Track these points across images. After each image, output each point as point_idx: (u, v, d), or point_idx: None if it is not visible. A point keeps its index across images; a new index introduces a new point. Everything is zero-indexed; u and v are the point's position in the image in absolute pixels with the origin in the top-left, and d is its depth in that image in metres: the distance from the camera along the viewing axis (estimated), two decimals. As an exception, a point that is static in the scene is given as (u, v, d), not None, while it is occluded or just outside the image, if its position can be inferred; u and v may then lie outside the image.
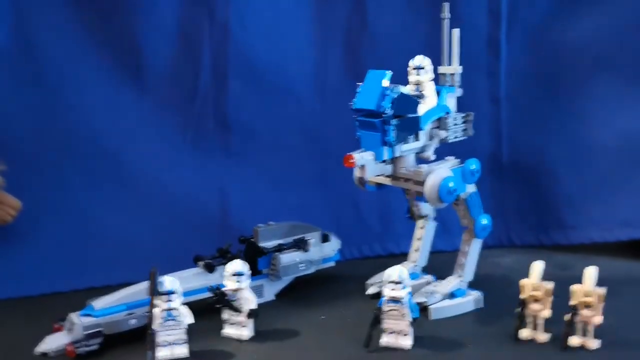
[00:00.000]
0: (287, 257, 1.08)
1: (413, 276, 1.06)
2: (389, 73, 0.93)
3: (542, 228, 1.29)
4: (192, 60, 1.22)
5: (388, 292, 0.90)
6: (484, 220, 1.03)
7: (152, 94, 1.22)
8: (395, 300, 0.90)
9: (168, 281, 0.89)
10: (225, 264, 1.03)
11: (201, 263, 1.04)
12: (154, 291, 0.88)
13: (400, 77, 0.98)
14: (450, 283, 1.04)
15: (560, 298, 0.91)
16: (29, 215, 1.14)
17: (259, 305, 0.97)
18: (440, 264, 1.14)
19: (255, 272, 1.02)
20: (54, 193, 1.18)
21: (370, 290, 1.09)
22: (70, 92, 1.18)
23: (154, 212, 1.22)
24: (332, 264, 1.16)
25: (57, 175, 1.18)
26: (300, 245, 1.09)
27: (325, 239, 1.14)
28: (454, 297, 1.03)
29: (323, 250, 1.13)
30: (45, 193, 1.17)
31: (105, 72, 1.19)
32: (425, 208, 1.11)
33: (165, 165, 1.24)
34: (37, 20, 1.16)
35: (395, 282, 0.89)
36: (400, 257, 1.18)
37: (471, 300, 1.03)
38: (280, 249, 1.08)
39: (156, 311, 0.88)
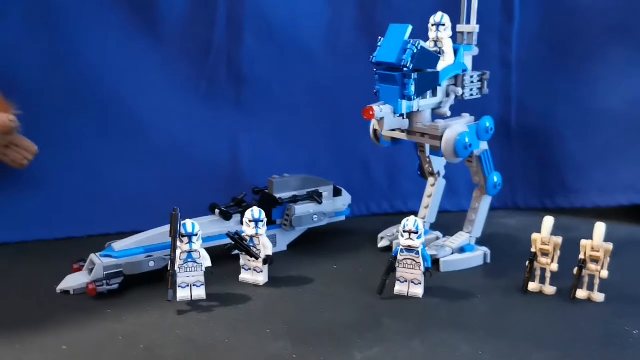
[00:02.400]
0: (302, 208, 1.10)
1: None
2: (410, 27, 0.95)
3: (546, 191, 1.32)
4: (208, 13, 1.22)
5: (404, 241, 0.92)
6: (495, 178, 1.05)
7: (166, 45, 1.22)
8: (410, 249, 0.92)
9: (189, 223, 0.91)
10: (240, 212, 1.05)
11: (217, 211, 1.06)
12: (176, 233, 0.90)
13: (415, 35, 0.99)
14: (460, 238, 1.07)
15: (564, 257, 0.95)
16: (42, 162, 1.15)
17: (273, 254, 0.99)
18: (446, 222, 1.17)
19: (269, 222, 1.04)
20: (67, 141, 1.18)
21: (382, 243, 1.12)
22: (84, 41, 1.18)
23: (165, 162, 1.23)
24: (342, 218, 1.18)
25: (70, 124, 1.18)
26: (314, 197, 1.11)
27: (337, 193, 1.16)
28: (463, 251, 1.06)
29: (335, 204, 1.15)
30: (57, 141, 1.18)
31: (119, 22, 1.19)
32: (437, 165, 1.13)
33: (178, 116, 1.24)
34: None
35: (411, 231, 0.92)
36: (408, 214, 1.19)
37: (480, 254, 1.06)
38: (295, 200, 1.10)
39: (177, 252, 0.90)
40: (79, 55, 1.18)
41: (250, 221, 0.96)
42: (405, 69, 0.93)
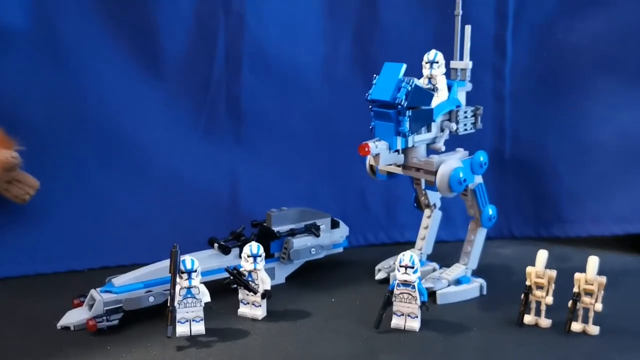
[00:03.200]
0: (299, 242, 1.11)
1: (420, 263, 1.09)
2: (404, 66, 0.97)
3: (541, 221, 1.33)
4: (207, 50, 1.25)
5: (400, 275, 0.94)
6: (490, 211, 1.07)
7: (167, 80, 1.24)
8: (406, 283, 0.94)
9: (189, 260, 0.92)
10: (239, 246, 1.07)
11: (216, 245, 1.07)
12: (176, 269, 0.91)
13: (410, 71, 1.01)
14: (456, 270, 1.08)
15: (559, 287, 0.96)
16: (45, 195, 1.16)
17: (271, 287, 1.00)
18: (442, 252, 1.18)
19: (267, 256, 1.05)
20: (70, 175, 1.20)
21: (379, 275, 1.13)
22: (87, 77, 1.20)
23: (166, 196, 1.25)
24: (340, 250, 1.19)
25: (73, 158, 1.20)
26: (312, 230, 1.13)
27: (334, 225, 1.17)
28: (459, 283, 1.07)
29: (333, 236, 1.16)
30: (60, 175, 1.19)
31: (122, 59, 1.21)
32: (433, 197, 1.15)
33: (179, 151, 1.26)
34: (57, 6, 1.17)
35: (407, 266, 0.93)
36: (405, 245, 1.22)
37: (477, 286, 1.07)
38: (292, 233, 1.11)
39: (176, 288, 0.91)
40: (82, 90, 1.20)
41: (248, 256, 0.98)
42: (399, 106, 0.95)
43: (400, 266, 0.94)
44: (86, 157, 1.21)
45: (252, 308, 0.99)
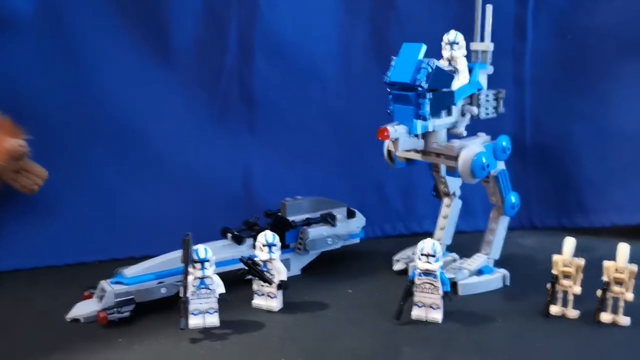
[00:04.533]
0: (315, 231, 1.08)
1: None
2: (424, 46, 0.93)
3: (563, 210, 1.30)
4: (219, 38, 1.22)
5: (421, 264, 0.90)
6: (513, 198, 1.03)
7: (179, 70, 1.22)
8: (428, 273, 0.90)
9: (202, 249, 0.89)
10: (253, 236, 1.03)
11: (229, 235, 1.04)
12: (188, 259, 0.88)
13: (429, 55, 0.97)
14: (478, 260, 1.05)
15: (585, 279, 0.92)
16: (55, 188, 1.14)
17: (287, 278, 0.97)
18: (462, 243, 1.14)
19: (282, 246, 1.02)
20: (80, 167, 1.18)
21: (398, 266, 1.10)
22: (97, 68, 1.18)
23: (177, 185, 1.22)
24: (356, 240, 1.16)
25: (84, 150, 1.18)
26: (328, 219, 1.09)
27: (350, 215, 1.14)
28: (481, 273, 1.03)
29: (349, 226, 1.13)
30: (71, 167, 1.17)
31: (132, 49, 1.19)
32: (452, 185, 1.11)
33: (191, 141, 1.23)
34: None
35: (429, 254, 0.89)
36: (423, 236, 1.16)
37: (499, 277, 1.03)
38: (308, 223, 1.08)
39: (189, 279, 0.88)
40: (93, 81, 1.18)
41: (263, 245, 0.95)
42: (420, 88, 0.92)
43: (422, 254, 0.90)
44: (97, 149, 1.19)
45: (267, 299, 0.96)
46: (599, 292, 0.90)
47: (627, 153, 1.26)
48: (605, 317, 0.90)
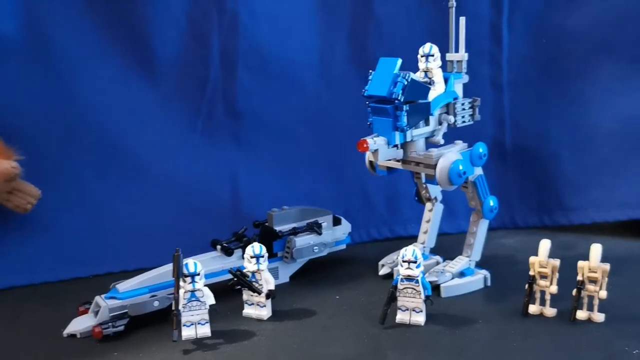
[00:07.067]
0: (302, 240, 1.11)
1: (422, 257, 1.09)
2: (400, 60, 0.97)
3: (544, 210, 1.33)
4: (202, 50, 1.24)
5: (403, 270, 0.94)
6: (492, 202, 1.07)
7: (162, 83, 1.24)
8: (410, 278, 0.94)
9: (192, 263, 0.92)
10: (241, 247, 1.07)
11: (219, 247, 1.07)
12: (179, 273, 0.91)
13: (406, 65, 1.01)
14: (460, 262, 1.08)
15: (565, 276, 0.95)
16: (46, 204, 1.17)
17: (275, 286, 1.00)
18: (446, 245, 1.18)
19: (270, 255, 1.05)
20: (69, 182, 1.20)
21: (383, 271, 1.13)
22: (82, 84, 1.20)
23: (166, 200, 1.25)
24: (343, 247, 1.19)
25: (73, 165, 1.20)
26: (314, 228, 1.13)
27: (336, 222, 1.17)
28: (463, 275, 1.07)
29: (335, 234, 1.16)
30: (59, 183, 1.19)
31: (115, 64, 1.21)
32: (433, 191, 1.14)
33: (176, 154, 1.26)
34: (48, 13, 1.17)
35: (410, 261, 0.93)
36: (408, 239, 1.23)
37: (481, 278, 1.07)
38: (294, 232, 1.11)
39: (181, 292, 0.92)
40: (77, 97, 1.20)
41: (251, 257, 0.98)
42: (396, 101, 0.95)
43: (403, 261, 0.94)
44: (84, 164, 1.21)
45: (257, 309, 0.99)
46: (574, 292, 0.94)
47: (604, 151, 1.29)
48: (581, 314, 0.94)
